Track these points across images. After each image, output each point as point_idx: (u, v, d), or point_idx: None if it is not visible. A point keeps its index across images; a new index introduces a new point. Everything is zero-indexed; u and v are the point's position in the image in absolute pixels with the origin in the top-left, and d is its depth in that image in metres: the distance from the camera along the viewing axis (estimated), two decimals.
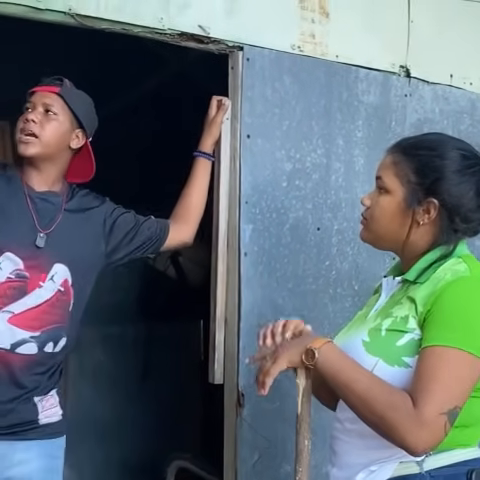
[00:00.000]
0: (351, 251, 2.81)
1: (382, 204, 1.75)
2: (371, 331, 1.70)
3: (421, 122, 2.98)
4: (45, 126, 2.28)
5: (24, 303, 2.25)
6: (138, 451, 3.67)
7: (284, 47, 2.69)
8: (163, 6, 2.46)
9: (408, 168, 1.72)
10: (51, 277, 2.28)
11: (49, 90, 2.31)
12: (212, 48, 2.59)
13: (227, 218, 2.62)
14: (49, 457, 2.31)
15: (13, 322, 2.23)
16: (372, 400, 1.57)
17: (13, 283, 2.24)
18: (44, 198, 2.33)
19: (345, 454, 1.73)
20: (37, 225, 2.29)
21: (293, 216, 2.71)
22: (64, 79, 2.33)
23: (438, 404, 1.53)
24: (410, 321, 1.64)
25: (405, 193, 1.72)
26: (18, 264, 2.25)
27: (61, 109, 2.30)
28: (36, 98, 2.30)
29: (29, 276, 2.25)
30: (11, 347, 2.22)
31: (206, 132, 2.60)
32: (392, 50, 2.93)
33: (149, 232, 2.50)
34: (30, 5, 2.25)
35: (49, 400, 2.32)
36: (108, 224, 2.43)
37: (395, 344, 1.64)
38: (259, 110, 2.63)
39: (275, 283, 2.66)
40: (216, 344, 2.60)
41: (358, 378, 1.60)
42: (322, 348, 1.63)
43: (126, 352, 3.77)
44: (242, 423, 2.56)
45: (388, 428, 1.55)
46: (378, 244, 1.83)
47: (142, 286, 4.00)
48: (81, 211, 2.40)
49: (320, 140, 2.76)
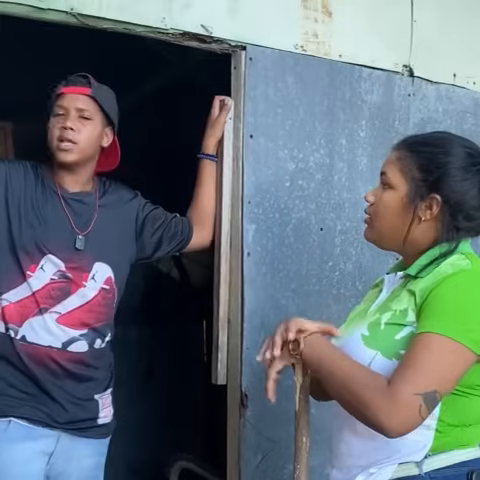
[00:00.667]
0: (354, 251, 2.80)
1: (386, 200, 1.75)
2: (370, 325, 1.70)
3: (424, 121, 2.97)
4: (82, 131, 2.28)
5: (69, 303, 2.29)
6: (141, 451, 3.67)
7: (287, 47, 2.68)
8: (165, 6, 2.45)
9: (413, 164, 1.72)
10: (92, 276, 2.33)
11: (80, 92, 2.29)
12: (215, 48, 2.58)
13: (230, 218, 2.61)
14: (99, 455, 2.43)
15: (62, 322, 2.29)
16: (350, 382, 1.57)
17: (56, 284, 2.28)
18: (78, 199, 2.36)
19: (344, 456, 1.72)
20: (74, 227, 2.32)
21: (296, 216, 2.70)
22: (89, 76, 2.32)
23: (413, 384, 1.52)
24: (409, 314, 1.63)
25: (408, 189, 1.71)
26: (60, 266, 2.29)
27: (94, 111, 2.31)
28: (68, 102, 2.28)
29: (72, 277, 2.30)
30: (62, 346, 2.29)
31: (209, 132, 2.60)
32: (395, 49, 2.93)
33: (176, 229, 2.53)
34: (32, 5, 2.25)
35: (107, 399, 2.42)
36: (140, 219, 2.47)
37: (394, 337, 1.64)
38: (262, 110, 2.62)
39: (278, 283, 2.66)
40: (219, 345, 2.59)
41: (340, 365, 1.61)
42: (307, 337, 1.65)
43: (129, 353, 3.77)
44: (245, 424, 2.55)
45: (362, 407, 1.54)
46: (381, 242, 1.82)
47: (146, 287, 4.00)
48: (115, 206, 2.43)
49: (323, 140, 2.75)
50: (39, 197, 2.31)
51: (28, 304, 2.26)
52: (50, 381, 2.28)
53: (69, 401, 2.31)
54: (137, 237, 2.47)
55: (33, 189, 2.31)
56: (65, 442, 2.32)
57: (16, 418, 2.26)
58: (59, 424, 2.30)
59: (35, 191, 2.31)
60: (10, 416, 2.25)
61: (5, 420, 2.26)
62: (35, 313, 2.26)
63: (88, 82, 2.31)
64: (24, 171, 2.32)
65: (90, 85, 2.31)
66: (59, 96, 2.30)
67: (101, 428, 2.41)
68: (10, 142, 3.94)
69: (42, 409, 2.28)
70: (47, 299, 2.27)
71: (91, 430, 2.37)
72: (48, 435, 2.29)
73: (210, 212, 2.61)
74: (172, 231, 2.53)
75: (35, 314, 2.26)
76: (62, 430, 2.30)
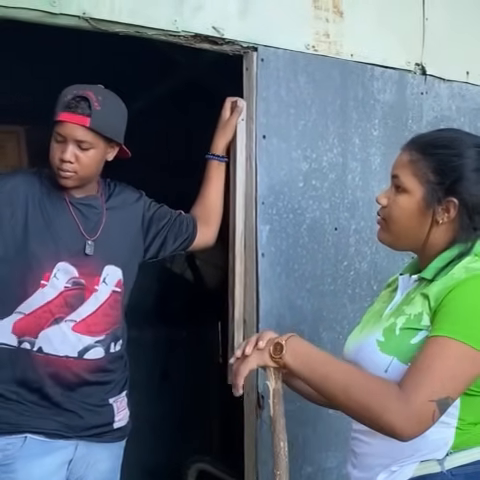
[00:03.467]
0: (369, 251, 2.79)
1: (401, 204, 1.73)
2: (385, 330, 1.69)
3: (438, 120, 2.96)
4: (82, 161, 2.23)
5: (84, 310, 2.28)
6: (158, 453, 3.67)
7: (298, 47, 2.68)
8: (177, 8, 2.45)
9: (426, 167, 1.71)
10: (103, 279, 2.32)
11: (79, 122, 2.19)
12: (226, 49, 2.58)
13: (244, 219, 2.61)
14: (116, 458, 2.42)
15: (77, 330, 2.27)
16: (354, 390, 1.55)
17: (71, 291, 2.27)
18: (86, 203, 2.34)
19: (366, 455, 1.72)
20: (83, 233, 2.31)
21: (310, 216, 2.70)
22: (89, 97, 2.20)
23: (428, 391, 1.51)
24: (424, 318, 1.63)
25: (424, 193, 1.70)
26: (72, 272, 2.27)
27: (93, 139, 2.23)
28: (66, 131, 2.21)
29: (85, 283, 2.28)
30: (79, 354, 2.27)
31: (219, 134, 2.59)
32: (407, 48, 2.92)
33: (181, 227, 2.52)
34: (44, 10, 2.25)
35: (122, 402, 2.41)
36: (146, 219, 2.46)
37: (409, 342, 1.63)
38: (274, 110, 2.62)
39: (293, 284, 2.65)
40: (235, 345, 2.59)
41: (336, 368, 1.60)
42: (289, 340, 1.64)
43: (144, 355, 3.77)
44: (262, 425, 2.55)
45: (374, 414, 1.53)
46: (397, 245, 1.81)
47: (160, 289, 4.00)
48: (121, 208, 2.42)
49: (336, 139, 2.75)
50: (47, 203, 2.28)
51: (43, 314, 2.24)
52: (62, 394, 2.26)
53: (83, 408, 2.30)
54: (144, 237, 2.46)
55: (39, 196, 2.28)
56: (83, 449, 2.31)
57: (32, 434, 2.23)
58: (75, 433, 2.28)
59: (42, 197, 2.28)
60: (26, 432, 2.23)
61: (21, 437, 2.23)
62: (50, 323, 2.24)
63: (88, 108, 2.19)
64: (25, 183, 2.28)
65: (90, 112, 2.19)
66: (58, 122, 2.22)
67: (117, 432, 2.40)
68: (23, 146, 3.96)
69: (57, 419, 2.26)
70: (62, 307, 2.25)
71: (107, 435, 2.37)
72: (66, 445, 2.28)
73: (216, 211, 2.60)
74: (177, 229, 2.51)
75: (51, 324, 2.24)
76: (79, 438, 2.29)
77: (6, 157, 3.98)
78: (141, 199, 2.48)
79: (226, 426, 3.83)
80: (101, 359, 2.31)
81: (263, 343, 1.67)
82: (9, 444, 2.23)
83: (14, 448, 2.22)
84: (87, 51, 3.34)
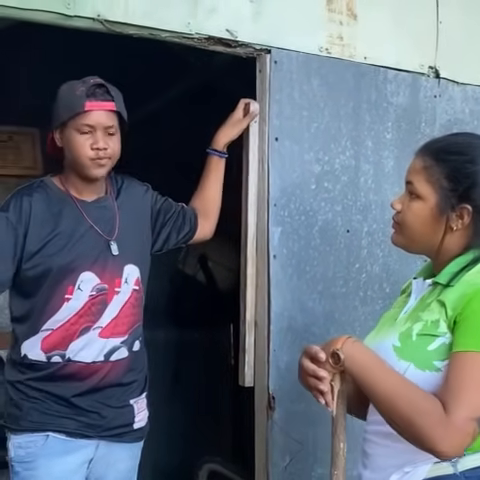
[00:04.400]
0: (381, 253, 2.79)
1: (414, 210, 1.74)
2: (402, 336, 1.69)
3: (451, 123, 2.96)
4: (111, 146, 2.25)
5: (108, 314, 2.28)
6: (169, 454, 3.68)
7: (312, 49, 2.68)
8: (190, 11, 2.46)
9: (440, 174, 1.71)
10: (125, 280, 2.32)
11: (108, 108, 2.23)
12: (240, 52, 2.59)
13: (256, 221, 2.62)
14: (134, 458, 2.44)
15: (103, 335, 2.28)
16: (400, 403, 1.56)
17: (96, 299, 2.26)
18: (98, 206, 2.33)
19: (378, 456, 1.72)
20: (103, 234, 2.30)
21: (322, 218, 2.70)
22: (106, 85, 2.24)
23: (469, 410, 1.52)
24: (441, 325, 1.63)
25: (438, 199, 1.71)
26: (95, 279, 2.26)
27: (116, 123, 2.27)
28: (94, 119, 2.21)
29: (107, 287, 2.28)
30: (105, 358, 2.29)
31: (224, 130, 2.57)
32: (421, 51, 2.92)
33: (185, 219, 2.53)
34: (59, 12, 2.26)
35: (142, 403, 2.42)
36: (154, 212, 2.47)
37: (426, 348, 1.63)
38: (287, 113, 2.63)
39: (305, 285, 2.66)
40: (246, 347, 2.60)
41: (385, 378, 1.60)
42: (344, 348, 1.62)
43: (156, 356, 3.78)
44: (273, 426, 2.55)
45: (417, 433, 1.54)
46: (411, 249, 1.82)
47: (172, 290, 4.01)
48: (131, 203, 2.42)
49: (349, 142, 2.75)
50: (59, 215, 2.26)
51: (70, 327, 2.24)
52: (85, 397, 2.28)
53: (105, 409, 2.31)
54: (152, 230, 2.46)
55: (48, 210, 2.25)
56: (103, 449, 2.32)
57: (54, 432, 2.25)
58: (96, 433, 2.30)
59: (52, 210, 2.25)
60: (48, 430, 2.25)
61: (43, 435, 2.25)
62: (79, 334, 2.24)
63: (109, 94, 2.23)
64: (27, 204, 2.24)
65: (113, 98, 2.24)
66: (83, 113, 2.21)
67: (137, 432, 2.41)
68: (38, 148, 3.98)
69: (79, 419, 2.27)
70: (89, 316, 2.25)
71: (127, 435, 2.38)
72: (87, 445, 2.29)
73: (214, 204, 2.59)
74: (180, 221, 2.52)
75: (79, 335, 2.24)
76: (100, 438, 2.31)
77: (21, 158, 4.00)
78: (148, 192, 2.48)
79: (237, 427, 3.83)
80: (126, 359, 2.33)
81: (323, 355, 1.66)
82: (31, 442, 2.25)
83: (36, 446, 2.25)
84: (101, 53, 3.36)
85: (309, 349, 1.67)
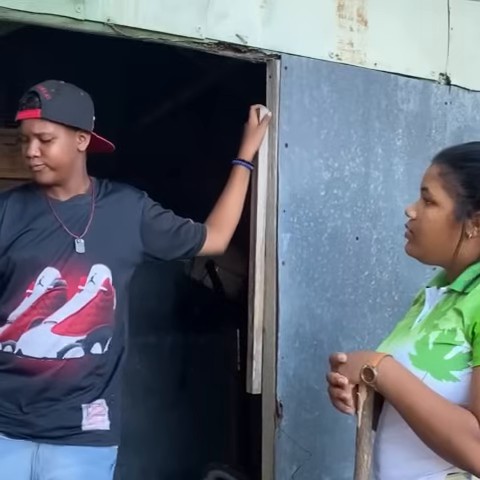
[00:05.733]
0: (391, 261, 2.77)
1: (430, 217, 1.71)
2: (418, 344, 1.66)
3: (461, 130, 2.94)
4: (48, 153, 2.24)
5: (65, 310, 2.27)
6: (175, 460, 3.67)
7: (322, 55, 2.67)
8: (201, 16, 2.45)
9: (456, 180, 1.69)
10: (91, 279, 2.30)
11: (31, 116, 2.22)
12: (250, 57, 2.58)
13: (265, 227, 2.61)
14: (89, 463, 2.32)
15: (57, 331, 2.26)
16: (437, 424, 1.54)
17: (52, 293, 2.26)
18: (71, 205, 2.34)
19: (391, 467, 1.70)
20: (70, 233, 2.30)
21: (331, 225, 2.69)
22: (38, 91, 2.22)
23: None
24: (458, 334, 1.60)
25: (454, 206, 1.69)
26: (55, 274, 2.26)
27: (53, 129, 2.24)
28: (25, 129, 2.24)
29: (66, 283, 2.27)
30: (58, 355, 2.26)
31: (249, 140, 2.58)
32: (432, 58, 2.90)
33: (186, 236, 2.48)
34: (69, 16, 2.26)
35: (96, 408, 2.34)
36: (146, 220, 2.42)
37: (443, 358, 1.61)
38: (297, 119, 2.62)
39: (313, 292, 2.64)
40: (254, 354, 2.58)
41: (422, 399, 1.57)
42: (380, 366, 1.61)
43: (162, 361, 3.77)
44: (280, 434, 2.54)
45: (455, 452, 1.53)
46: (426, 258, 1.79)
47: (179, 296, 4.00)
48: (115, 206, 2.39)
49: (359, 149, 2.74)
50: (31, 214, 2.30)
51: (23, 318, 2.25)
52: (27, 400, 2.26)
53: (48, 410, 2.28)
54: (142, 238, 2.41)
55: (22, 209, 2.30)
56: (46, 451, 2.28)
57: None
58: (35, 433, 2.26)
59: (25, 210, 2.30)
60: None
61: None
62: (30, 325, 2.25)
63: (38, 100, 2.21)
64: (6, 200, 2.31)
65: (40, 104, 2.21)
66: (18, 123, 2.26)
67: (86, 435, 2.32)
68: None
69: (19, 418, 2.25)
70: (42, 309, 2.25)
71: (73, 438, 2.30)
72: (26, 445, 2.26)
73: (231, 219, 2.57)
74: (182, 237, 2.47)
75: (30, 327, 2.24)
76: (39, 439, 2.27)
77: None
78: (141, 199, 2.44)
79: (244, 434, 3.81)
80: (80, 359, 2.28)
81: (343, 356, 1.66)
82: None
83: None
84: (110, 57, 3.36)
85: (332, 357, 1.67)
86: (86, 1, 2.26)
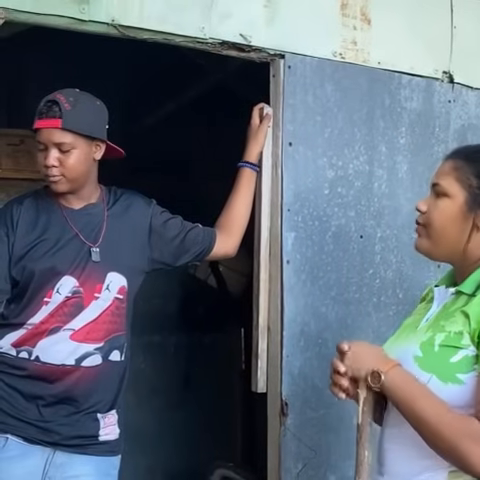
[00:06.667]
0: (395, 259, 2.78)
1: (442, 208, 1.70)
2: (423, 345, 1.66)
3: (465, 128, 2.95)
4: (66, 164, 2.25)
5: (83, 318, 2.28)
6: (180, 459, 3.67)
7: (326, 54, 2.68)
8: (205, 16, 2.46)
9: (469, 173, 1.68)
10: (107, 287, 2.31)
11: (51, 126, 2.22)
12: (253, 56, 2.59)
13: (269, 226, 2.61)
14: (103, 474, 2.35)
15: (76, 338, 2.27)
16: (445, 431, 1.54)
17: (70, 300, 2.27)
18: (85, 214, 2.35)
19: (394, 464, 1.70)
20: (86, 241, 2.31)
21: (335, 224, 2.69)
22: (58, 100, 2.23)
23: None
24: (464, 337, 1.59)
25: (466, 197, 1.67)
26: (73, 282, 2.28)
27: (72, 139, 2.24)
28: (44, 137, 2.24)
29: (83, 291, 2.28)
30: (76, 362, 2.27)
31: (252, 142, 2.58)
32: (435, 56, 2.91)
33: (195, 240, 2.48)
34: (74, 16, 2.26)
35: (110, 418, 2.36)
36: (154, 227, 2.43)
37: (449, 360, 1.60)
38: (301, 118, 2.62)
39: (318, 291, 2.65)
40: (259, 352, 2.59)
41: (428, 406, 1.57)
42: (389, 373, 1.60)
43: (167, 360, 3.78)
44: (286, 432, 2.54)
45: (461, 457, 1.52)
46: (435, 252, 1.76)
47: (183, 295, 4.01)
48: (126, 214, 2.40)
49: (362, 147, 2.74)
50: (46, 224, 2.30)
51: (40, 325, 2.26)
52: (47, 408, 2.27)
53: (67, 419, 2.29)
54: (151, 245, 2.42)
55: (36, 218, 2.31)
56: (61, 458, 2.29)
57: (13, 435, 2.25)
58: (54, 441, 2.27)
59: (39, 219, 2.31)
60: (8, 432, 2.25)
61: (3, 437, 2.25)
62: (48, 333, 2.25)
63: (59, 110, 2.22)
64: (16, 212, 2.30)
65: (61, 114, 2.21)
66: (36, 131, 2.26)
67: (103, 445, 2.35)
68: None
69: (38, 425, 2.26)
70: (60, 317, 2.26)
71: (91, 447, 2.32)
72: (43, 451, 2.27)
73: (240, 222, 2.57)
74: (191, 241, 2.47)
75: (48, 334, 2.25)
76: (56, 446, 2.28)
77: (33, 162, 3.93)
78: (150, 207, 2.45)
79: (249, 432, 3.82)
80: (98, 366, 2.30)
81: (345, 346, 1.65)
82: None
83: None
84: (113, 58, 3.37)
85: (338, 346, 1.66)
86: (90, 2, 2.26)
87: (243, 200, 2.57)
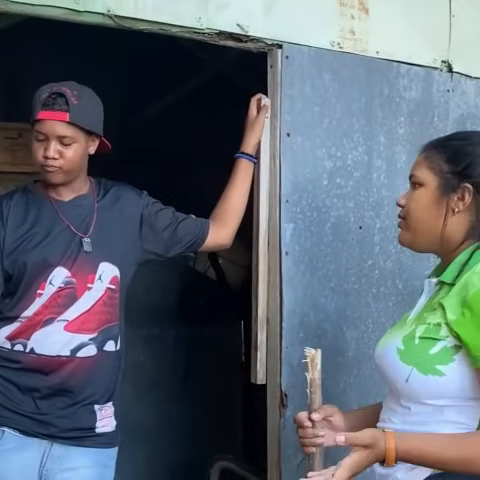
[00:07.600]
0: (394, 249, 2.77)
1: (417, 197, 1.75)
2: (405, 338, 1.68)
3: (464, 117, 2.94)
4: (65, 156, 2.26)
5: (76, 308, 2.29)
6: (180, 451, 3.67)
7: (323, 44, 2.66)
8: (201, 5, 2.44)
9: (440, 159, 1.72)
10: (99, 277, 2.32)
11: (58, 118, 2.23)
12: (251, 47, 2.57)
13: (267, 217, 2.60)
14: (101, 466, 2.37)
15: (70, 329, 2.28)
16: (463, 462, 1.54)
17: (63, 291, 2.28)
18: (75, 205, 2.36)
19: None
20: (77, 232, 2.32)
21: (334, 215, 2.68)
22: (65, 93, 2.23)
23: None
24: (442, 328, 1.61)
25: (438, 182, 1.71)
26: (65, 273, 2.29)
27: (75, 133, 2.26)
28: (47, 128, 2.24)
29: (75, 281, 2.29)
30: (71, 353, 2.28)
31: (249, 132, 2.57)
32: (434, 45, 2.89)
33: (187, 231, 2.49)
34: (69, 7, 2.25)
35: (107, 410, 2.38)
36: (145, 218, 2.44)
37: (428, 352, 1.62)
38: (299, 108, 2.61)
39: (317, 282, 2.64)
40: (258, 344, 2.59)
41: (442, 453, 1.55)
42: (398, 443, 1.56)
43: (167, 353, 3.77)
44: (286, 424, 2.54)
45: None
46: (416, 243, 1.79)
47: (183, 287, 4.00)
48: (117, 205, 2.41)
49: (361, 137, 2.73)
50: (36, 218, 2.31)
51: (34, 317, 2.27)
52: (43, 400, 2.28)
53: (63, 411, 2.30)
54: (143, 236, 2.43)
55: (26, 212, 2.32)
56: (58, 450, 2.30)
57: (9, 428, 2.26)
58: (50, 433, 2.28)
59: (29, 213, 2.32)
60: (4, 425, 2.26)
61: None
62: (41, 325, 2.26)
63: (66, 103, 2.23)
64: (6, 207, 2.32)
65: (68, 108, 2.23)
66: (38, 121, 2.25)
67: (100, 437, 2.36)
68: None
69: (35, 417, 2.27)
70: (54, 308, 2.27)
71: (88, 439, 2.33)
72: (40, 443, 2.28)
73: (235, 213, 2.57)
74: (183, 232, 2.48)
75: (42, 326, 2.26)
76: (53, 438, 2.29)
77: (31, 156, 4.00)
78: (141, 198, 2.46)
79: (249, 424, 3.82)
80: (93, 357, 2.31)
81: None
82: None
83: None
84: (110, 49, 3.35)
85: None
86: None
87: (239, 191, 2.57)
